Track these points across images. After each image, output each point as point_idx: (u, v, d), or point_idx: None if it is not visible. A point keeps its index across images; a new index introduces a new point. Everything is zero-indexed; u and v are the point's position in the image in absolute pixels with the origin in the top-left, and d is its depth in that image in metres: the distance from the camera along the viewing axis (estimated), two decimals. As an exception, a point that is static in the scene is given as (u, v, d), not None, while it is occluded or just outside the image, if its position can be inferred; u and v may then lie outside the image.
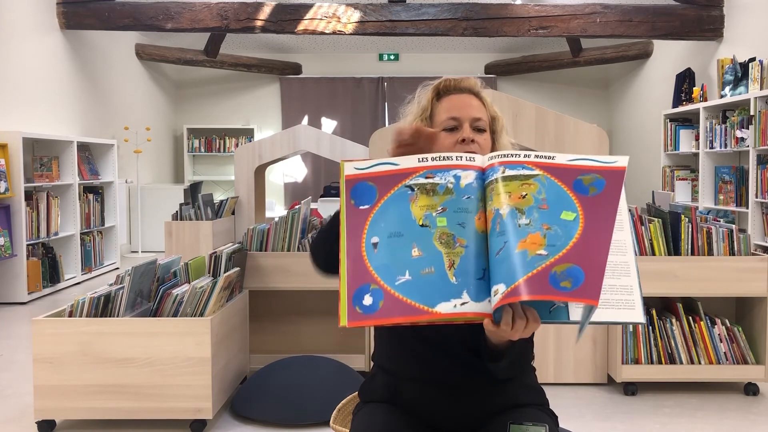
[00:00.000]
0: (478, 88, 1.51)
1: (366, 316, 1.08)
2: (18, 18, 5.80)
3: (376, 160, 1.21)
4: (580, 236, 1.08)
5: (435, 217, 1.14)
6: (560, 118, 3.15)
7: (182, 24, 6.59)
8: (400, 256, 1.12)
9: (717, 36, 6.36)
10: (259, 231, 3.35)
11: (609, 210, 1.10)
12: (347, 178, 1.19)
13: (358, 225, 1.15)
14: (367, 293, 1.10)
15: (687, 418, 2.81)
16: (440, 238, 1.13)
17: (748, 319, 3.14)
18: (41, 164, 5.66)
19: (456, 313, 1.07)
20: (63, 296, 5.48)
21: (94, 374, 2.53)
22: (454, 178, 1.18)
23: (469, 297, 1.08)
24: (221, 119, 9.78)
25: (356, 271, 1.12)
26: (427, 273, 1.10)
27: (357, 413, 1.48)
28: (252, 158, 4.30)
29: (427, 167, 1.19)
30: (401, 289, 1.09)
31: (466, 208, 1.15)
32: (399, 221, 1.14)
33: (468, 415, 1.40)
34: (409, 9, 6.60)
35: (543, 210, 1.11)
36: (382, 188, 1.18)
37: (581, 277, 1.04)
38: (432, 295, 1.08)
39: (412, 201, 1.16)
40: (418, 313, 1.08)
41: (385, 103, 9.80)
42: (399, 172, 1.19)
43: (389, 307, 1.08)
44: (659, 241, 3.02)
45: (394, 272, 1.11)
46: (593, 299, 1.03)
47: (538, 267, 1.05)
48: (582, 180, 1.13)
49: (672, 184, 6.70)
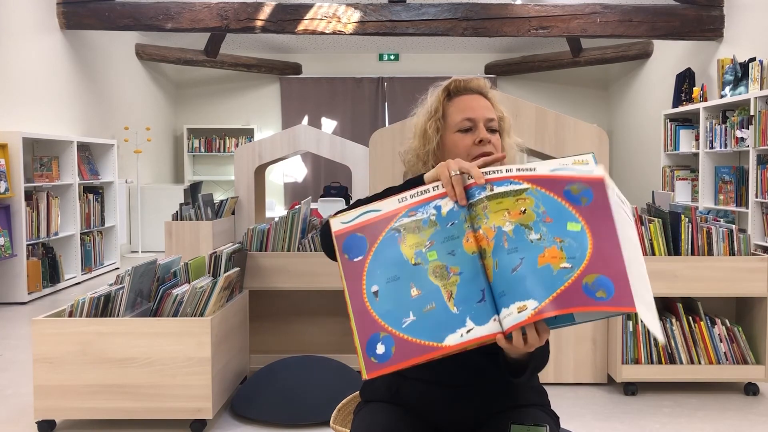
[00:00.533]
0: (486, 89, 1.52)
1: (382, 364, 1.11)
2: (18, 18, 5.80)
3: (360, 210, 1.22)
4: (593, 246, 1.09)
5: (425, 252, 1.16)
6: (560, 118, 3.15)
7: (182, 24, 6.59)
8: (401, 299, 1.14)
9: (717, 36, 6.36)
10: (259, 231, 3.35)
11: (607, 218, 1.11)
12: (336, 234, 1.21)
13: (356, 277, 1.17)
14: (378, 342, 1.12)
15: (687, 418, 2.81)
16: (434, 272, 1.15)
17: (748, 319, 3.14)
18: (41, 164, 5.66)
19: (465, 341, 1.09)
20: (63, 296, 5.48)
21: (94, 374, 2.53)
22: (435, 209, 1.19)
23: (473, 323, 1.10)
24: (221, 119, 9.78)
25: (364, 323, 1.14)
26: (429, 309, 1.12)
27: (358, 413, 1.48)
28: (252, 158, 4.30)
29: (408, 206, 1.21)
30: (409, 331, 1.12)
31: (453, 234, 1.16)
32: (393, 265, 1.16)
33: (469, 415, 1.40)
34: (409, 9, 6.60)
35: (548, 223, 1.12)
36: (371, 237, 1.19)
37: (611, 286, 1.05)
38: (438, 331, 1.11)
39: (401, 242, 1.17)
40: (430, 350, 1.10)
41: (385, 103, 9.80)
42: (383, 218, 1.20)
43: (401, 351, 1.11)
44: (659, 241, 3.02)
45: (399, 316, 1.13)
46: (631, 306, 1.04)
47: (568, 280, 1.06)
48: (571, 190, 1.14)
49: (672, 184, 6.70)
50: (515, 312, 1.07)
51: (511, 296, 1.08)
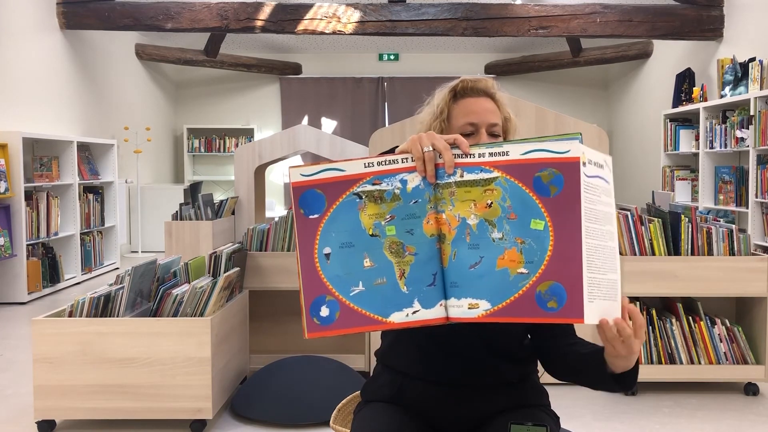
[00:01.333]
0: (494, 90, 1.50)
1: (324, 327, 1.14)
2: (18, 18, 5.80)
3: (323, 165, 1.19)
4: (553, 248, 1.08)
5: (384, 226, 1.16)
6: (560, 118, 3.15)
7: (182, 24, 6.59)
8: (352, 267, 1.15)
9: (717, 36, 6.36)
10: (259, 231, 3.35)
11: (574, 211, 1.08)
12: (294, 185, 1.19)
13: (309, 235, 1.17)
14: (323, 304, 1.14)
15: (687, 418, 2.81)
16: (390, 247, 1.15)
17: (748, 319, 3.14)
18: (41, 164, 5.66)
19: (409, 321, 1.12)
20: (63, 296, 5.48)
21: (94, 374, 2.53)
22: (401, 182, 1.17)
23: (420, 305, 1.13)
24: (221, 119, 9.79)
25: (311, 283, 1.15)
26: (380, 284, 1.14)
27: (358, 413, 1.48)
28: (252, 158, 4.30)
29: (374, 173, 1.17)
30: (356, 300, 1.14)
31: (414, 213, 1.15)
32: (349, 231, 1.16)
33: (469, 415, 1.40)
34: (409, 9, 6.60)
35: (512, 221, 1.11)
36: (331, 196, 1.17)
37: (564, 295, 1.06)
38: (385, 306, 1.13)
39: (361, 210, 1.16)
40: (374, 323, 1.13)
41: (385, 103, 9.80)
42: (346, 179, 1.17)
43: (345, 318, 1.13)
44: (659, 241, 3.02)
45: (348, 283, 1.14)
46: (579, 318, 1.05)
47: (522, 287, 1.08)
48: (541, 177, 1.10)
49: (672, 184, 6.70)
50: (465, 306, 1.11)
51: (464, 290, 1.11)
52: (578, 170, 1.09)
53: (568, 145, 1.10)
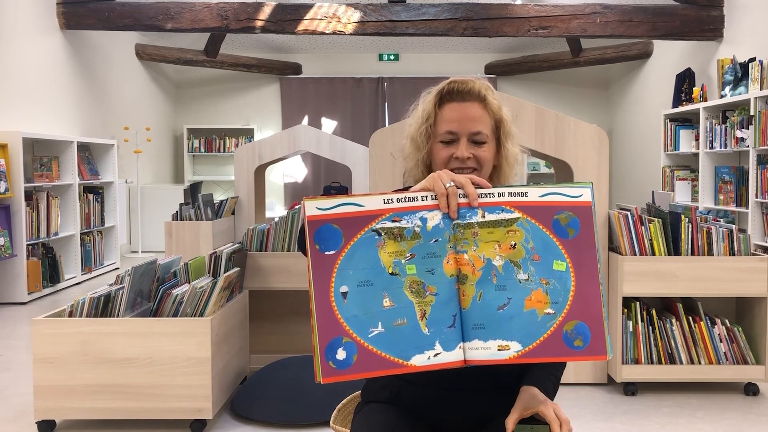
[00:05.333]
0: (482, 93, 1.41)
1: (341, 371, 1.08)
2: (18, 18, 5.79)
3: (340, 199, 1.13)
4: (575, 288, 1.12)
5: (404, 264, 1.12)
6: (560, 118, 3.15)
7: (182, 24, 6.59)
8: (371, 307, 1.10)
9: (717, 36, 6.36)
10: (259, 231, 3.35)
11: (590, 253, 1.14)
12: (309, 219, 1.12)
13: (325, 272, 1.11)
14: (340, 347, 1.09)
15: (687, 418, 2.81)
16: (410, 287, 1.12)
17: (748, 319, 3.14)
18: (41, 164, 5.66)
19: (431, 364, 1.10)
20: (63, 296, 5.48)
21: (94, 374, 2.53)
22: (421, 220, 1.14)
23: (441, 348, 1.10)
24: (221, 119, 9.78)
25: (327, 324, 1.09)
26: (400, 324, 1.10)
27: (358, 413, 1.48)
28: (252, 158, 4.30)
29: (394, 209, 1.14)
30: (375, 342, 1.09)
31: (434, 252, 1.13)
32: (368, 269, 1.11)
33: (469, 417, 1.40)
34: (409, 9, 6.60)
35: (536, 262, 1.13)
36: (348, 232, 1.12)
37: (588, 333, 1.10)
38: (406, 348, 1.09)
39: (380, 247, 1.12)
40: (394, 366, 1.09)
41: (385, 103, 9.80)
42: (365, 214, 1.13)
43: (364, 360, 1.08)
44: (659, 241, 3.01)
45: (367, 324, 1.09)
46: (603, 355, 1.09)
47: (551, 327, 1.10)
48: (559, 220, 1.15)
49: (672, 184, 6.70)
50: (494, 348, 1.09)
51: (493, 332, 1.10)
52: (591, 214, 1.15)
53: (580, 190, 1.16)
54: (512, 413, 1.28)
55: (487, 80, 1.54)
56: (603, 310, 1.12)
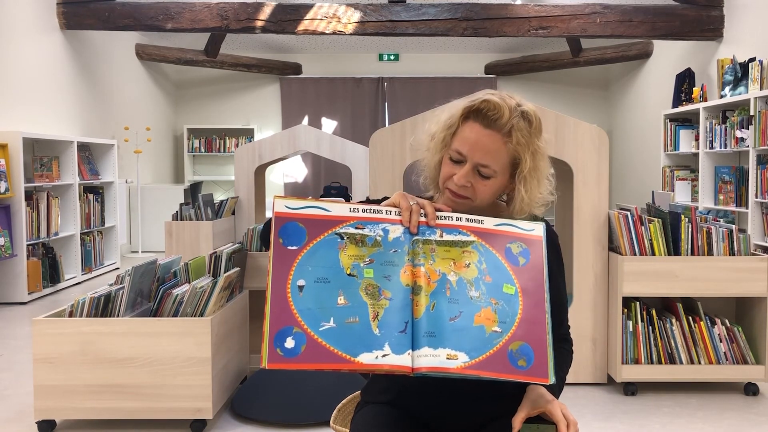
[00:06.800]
0: (510, 126, 1.30)
1: (287, 359, 1.10)
2: (18, 18, 5.80)
3: (309, 201, 1.21)
4: (522, 312, 1.19)
5: (362, 267, 1.17)
6: (560, 118, 3.15)
7: (182, 24, 6.59)
8: (325, 302, 1.14)
9: (717, 36, 6.36)
10: (259, 231, 3.35)
11: (539, 281, 1.22)
12: (277, 215, 1.19)
13: (284, 265, 1.16)
14: (289, 336, 1.11)
15: (687, 418, 2.81)
16: (366, 289, 1.16)
17: (748, 319, 3.14)
18: (41, 164, 5.66)
19: (377, 364, 1.11)
20: (63, 296, 5.48)
21: (94, 374, 2.53)
22: (383, 231, 1.22)
23: (390, 349, 1.12)
24: (221, 119, 9.79)
25: (279, 313, 1.12)
26: (352, 322, 1.13)
27: (358, 413, 1.48)
28: (252, 158, 4.31)
29: (358, 218, 1.22)
30: (325, 336, 1.12)
31: (393, 261, 1.19)
32: (327, 267, 1.16)
33: (470, 418, 1.39)
34: (409, 9, 6.60)
35: (488, 283, 1.20)
36: (312, 231, 1.19)
37: (532, 355, 1.15)
38: (355, 345, 1.12)
39: (341, 249, 1.18)
40: (341, 361, 1.11)
41: (385, 103, 9.80)
42: (330, 218, 1.21)
43: (311, 352, 1.10)
44: (659, 241, 3.02)
45: (319, 318, 1.13)
46: (544, 378, 1.14)
47: (497, 345, 1.15)
48: (511, 248, 1.24)
49: (672, 184, 6.70)
50: (443, 357, 1.12)
51: (443, 341, 1.13)
52: (541, 247, 1.25)
53: (533, 225, 1.27)
54: (519, 412, 1.28)
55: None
56: (547, 336, 1.17)
